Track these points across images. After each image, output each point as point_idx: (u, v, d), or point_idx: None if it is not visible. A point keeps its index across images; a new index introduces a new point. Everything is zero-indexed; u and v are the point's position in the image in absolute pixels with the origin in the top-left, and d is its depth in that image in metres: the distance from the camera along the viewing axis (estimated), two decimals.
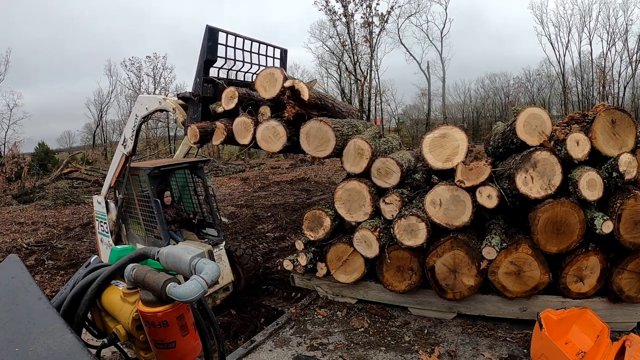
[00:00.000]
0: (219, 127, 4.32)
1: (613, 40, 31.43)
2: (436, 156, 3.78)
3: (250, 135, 4.12)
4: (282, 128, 3.95)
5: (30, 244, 8.56)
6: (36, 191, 16.16)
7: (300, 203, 11.04)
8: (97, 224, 5.62)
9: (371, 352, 3.49)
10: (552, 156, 3.37)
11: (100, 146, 40.69)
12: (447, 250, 3.70)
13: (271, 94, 3.99)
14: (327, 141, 3.93)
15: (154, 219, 4.58)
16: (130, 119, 5.02)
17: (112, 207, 5.30)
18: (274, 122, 4.00)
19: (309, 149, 4.00)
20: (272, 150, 4.11)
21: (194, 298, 1.30)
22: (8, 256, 1.75)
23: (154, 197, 4.49)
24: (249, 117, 4.17)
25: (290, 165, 23.23)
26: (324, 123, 3.90)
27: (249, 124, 4.13)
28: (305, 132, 3.97)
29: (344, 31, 30.93)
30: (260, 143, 4.09)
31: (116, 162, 5.07)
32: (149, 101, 4.88)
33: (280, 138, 3.99)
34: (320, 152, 3.99)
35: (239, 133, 4.21)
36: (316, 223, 4.42)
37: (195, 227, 5.27)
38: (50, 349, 1.06)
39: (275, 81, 3.95)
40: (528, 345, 3.27)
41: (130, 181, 4.85)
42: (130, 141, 4.94)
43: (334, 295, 4.59)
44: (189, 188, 5.55)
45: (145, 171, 4.52)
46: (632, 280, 3.35)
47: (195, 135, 4.29)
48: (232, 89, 4.28)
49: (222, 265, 4.77)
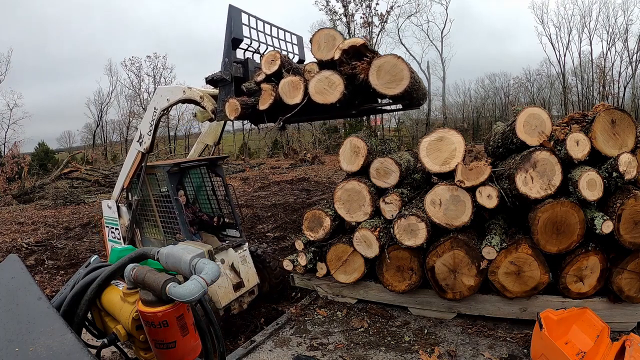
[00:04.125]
0: (266, 90, 4.02)
1: (613, 40, 31.44)
2: (433, 160, 3.79)
3: (301, 92, 3.86)
4: (338, 76, 3.71)
5: (30, 244, 8.55)
6: (36, 191, 16.16)
7: (300, 203, 11.04)
8: (106, 231, 5.24)
9: (371, 352, 3.49)
10: (552, 156, 3.37)
11: (100, 146, 40.69)
12: (447, 250, 3.70)
13: (324, 56, 3.82)
14: (400, 79, 3.61)
15: (174, 221, 4.37)
16: (148, 112, 4.69)
17: (124, 211, 5.00)
18: (327, 72, 3.75)
19: (377, 83, 3.65)
20: (330, 101, 3.78)
21: (193, 298, 1.30)
22: (8, 256, 1.75)
23: (174, 196, 4.27)
24: (295, 75, 3.93)
25: (290, 165, 23.23)
26: (401, 60, 3.61)
27: (297, 81, 3.88)
28: (378, 66, 3.64)
29: (344, 31, 30.94)
30: (315, 97, 3.81)
31: (130, 161, 4.76)
32: (170, 92, 4.54)
33: (337, 87, 3.73)
34: (389, 88, 3.65)
35: (287, 93, 3.94)
36: (316, 223, 4.42)
37: (215, 228, 5.05)
38: (50, 349, 1.06)
39: (334, 42, 3.79)
40: (528, 345, 3.27)
41: (146, 181, 4.60)
42: (148, 137, 4.61)
43: (334, 295, 4.59)
44: (206, 187, 5.29)
45: (163, 169, 4.32)
46: (632, 280, 3.35)
47: (236, 108, 4.01)
48: (273, 52, 4.10)
49: (247, 267, 4.59)
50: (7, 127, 32.19)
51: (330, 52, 3.80)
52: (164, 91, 4.63)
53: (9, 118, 32.38)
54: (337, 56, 3.74)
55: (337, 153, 4.48)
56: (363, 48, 3.75)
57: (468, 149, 3.86)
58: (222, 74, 4.19)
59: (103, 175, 19.49)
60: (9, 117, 32.35)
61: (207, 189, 5.30)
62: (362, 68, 3.67)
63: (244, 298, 4.51)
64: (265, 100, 4.03)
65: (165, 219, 4.52)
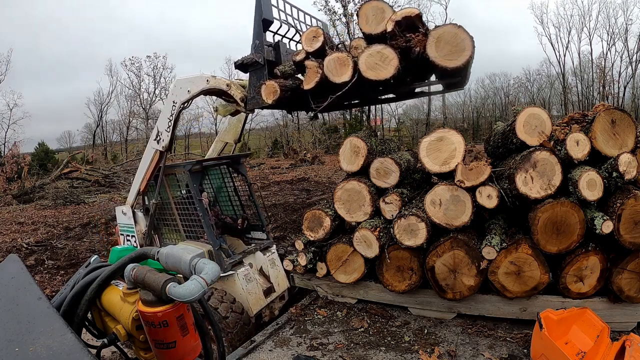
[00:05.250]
0: (311, 67, 3.68)
1: (613, 40, 31.46)
2: (433, 160, 3.78)
3: (350, 69, 3.57)
4: (391, 50, 3.42)
5: (30, 244, 8.56)
6: (36, 191, 16.17)
7: (300, 203, 11.04)
8: (121, 239, 4.88)
9: (371, 352, 3.49)
10: (552, 156, 3.37)
11: (100, 146, 40.71)
12: (447, 250, 3.70)
13: (373, 29, 3.59)
14: (461, 50, 3.35)
15: (197, 225, 4.10)
16: (166, 107, 4.29)
17: (140, 216, 4.65)
18: (379, 46, 3.48)
19: (436, 55, 3.38)
20: (383, 77, 3.51)
21: (194, 298, 1.30)
22: (8, 256, 1.75)
23: (197, 197, 4.02)
24: (342, 51, 3.65)
25: (290, 165, 23.24)
26: (462, 30, 3.36)
27: (344, 57, 3.59)
28: (437, 36, 3.38)
29: (344, 31, 30.93)
30: (367, 73, 3.54)
31: (147, 162, 4.37)
32: (192, 82, 4.13)
33: (390, 61, 3.44)
34: (449, 60, 3.38)
35: (334, 71, 3.66)
36: (316, 223, 4.42)
37: (239, 231, 4.81)
38: (50, 349, 1.06)
39: (382, 14, 3.57)
40: (528, 345, 3.27)
41: (165, 183, 4.30)
42: (167, 134, 4.21)
43: (334, 295, 4.59)
44: (227, 188, 5.01)
45: (185, 168, 4.06)
46: (632, 280, 3.35)
47: (275, 91, 3.68)
48: (314, 28, 3.86)
49: (276, 271, 4.45)
50: (7, 127, 32.22)
51: (379, 25, 3.54)
52: (183, 82, 4.23)
53: (9, 118, 32.42)
54: (390, 28, 3.47)
55: (337, 153, 4.47)
56: (417, 19, 3.49)
57: (468, 149, 3.86)
58: (254, 57, 3.83)
59: (103, 175, 19.50)
60: (9, 117, 32.38)
61: (228, 190, 5.02)
62: (418, 40, 3.38)
63: (274, 304, 4.40)
64: (310, 79, 3.71)
65: (187, 223, 4.24)
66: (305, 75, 3.78)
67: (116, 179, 19.30)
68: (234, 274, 4.14)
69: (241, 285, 4.13)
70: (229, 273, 4.10)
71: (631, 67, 30.93)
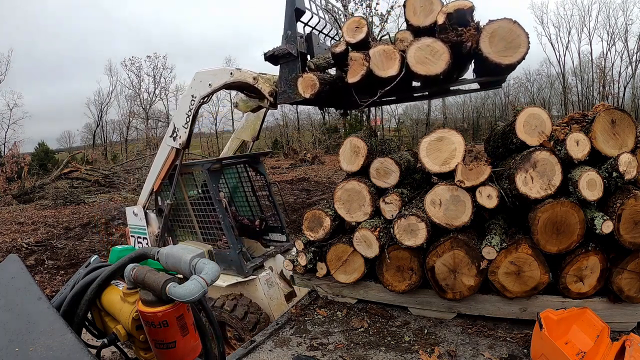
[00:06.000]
0: (357, 59, 3.47)
1: (613, 40, 31.47)
2: (433, 160, 3.77)
3: (397, 63, 3.41)
4: (441, 44, 3.27)
5: (30, 244, 8.56)
6: (36, 191, 16.18)
7: (300, 203, 11.05)
8: (132, 241, 4.73)
9: (371, 352, 3.49)
10: (551, 156, 3.37)
11: (100, 146, 40.72)
12: (447, 250, 3.70)
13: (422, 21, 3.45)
14: (517, 46, 3.25)
15: (215, 226, 3.95)
16: (184, 102, 4.11)
17: (152, 217, 4.50)
18: (428, 39, 3.33)
19: (489, 51, 3.28)
20: (433, 73, 3.39)
21: (194, 298, 1.30)
22: (8, 256, 1.75)
23: (217, 197, 3.87)
24: (388, 43, 3.49)
25: (290, 165, 23.23)
26: (517, 25, 3.24)
27: (391, 50, 3.43)
28: (491, 31, 3.27)
29: None
30: (416, 67, 3.39)
31: (162, 160, 4.17)
32: (214, 75, 3.90)
33: (441, 55, 3.31)
34: (504, 57, 3.28)
35: (380, 64, 3.49)
36: (316, 223, 4.41)
37: (256, 233, 4.66)
38: (50, 349, 1.06)
39: (431, 6, 3.44)
40: (528, 345, 3.27)
41: (181, 182, 4.15)
42: (184, 130, 4.04)
43: (334, 295, 4.59)
44: (243, 188, 4.84)
45: (203, 166, 3.91)
46: (632, 280, 3.35)
47: (313, 84, 3.49)
48: (357, 18, 3.62)
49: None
50: (7, 127, 32.21)
51: (428, 17, 3.39)
52: (204, 75, 4.02)
53: (9, 118, 32.42)
54: (441, 20, 3.32)
55: (337, 153, 4.46)
56: (468, 12, 3.38)
57: (468, 149, 3.85)
58: (287, 48, 3.61)
59: (103, 175, 19.50)
60: (9, 117, 32.38)
61: (245, 190, 4.84)
62: (470, 34, 3.27)
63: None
64: (355, 72, 3.51)
65: (204, 225, 4.11)
66: (350, 67, 3.58)
67: (116, 179, 19.31)
68: (255, 279, 3.99)
69: (263, 291, 3.97)
70: (250, 278, 3.96)
71: (631, 67, 30.95)
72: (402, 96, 4.79)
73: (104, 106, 40.59)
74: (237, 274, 4.26)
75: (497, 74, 3.57)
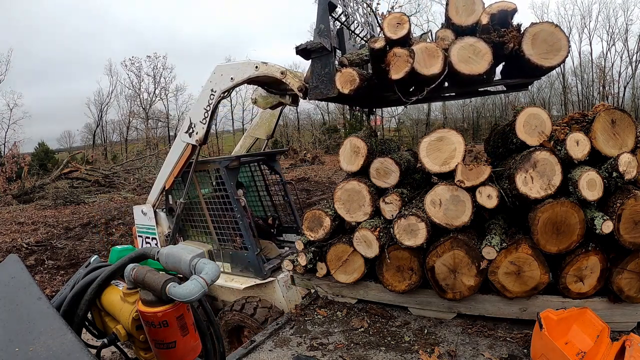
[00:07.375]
0: (401, 55, 3.40)
1: (613, 40, 31.48)
2: (433, 160, 3.78)
3: (440, 61, 3.43)
4: (484, 44, 3.32)
5: (30, 244, 8.56)
6: (36, 191, 16.19)
7: (300, 203, 11.04)
8: (139, 241, 4.55)
9: (371, 352, 3.49)
10: (551, 156, 3.37)
11: (100, 146, 40.74)
12: (447, 250, 3.70)
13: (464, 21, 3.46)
14: (557, 49, 3.30)
15: (231, 226, 3.82)
16: (202, 96, 3.90)
17: (162, 217, 4.31)
18: (471, 39, 3.37)
19: (531, 53, 3.33)
20: (476, 72, 3.40)
21: (193, 298, 1.30)
22: (8, 256, 1.75)
23: (235, 197, 3.74)
24: (431, 41, 3.52)
25: (290, 165, 23.24)
26: (559, 29, 3.29)
27: (433, 48, 3.45)
28: (533, 34, 3.32)
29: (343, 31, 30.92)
30: (459, 66, 3.41)
31: (176, 157, 3.99)
32: (237, 69, 3.72)
33: (484, 55, 3.35)
34: (545, 59, 3.34)
35: (422, 62, 3.50)
36: (316, 223, 4.41)
37: (270, 234, 4.55)
38: (50, 349, 1.06)
39: (473, 6, 3.46)
40: (528, 345, 3.27)
41: (195, 180, 4.00)
42: (202, 126, 3.84)
43: (334, 295, 4.59)
44: (256, 187, 4.71)
45: (221, 164, 3.76)
46: (632, 280, 3.35)
47: (353, 79, 3.43)
48: (399, 13, 3.56)
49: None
50: (7, 127, 32.23)
51: (470, 16, 3.43)
52: (226, 68, 3.84)
53: (9, 118, 32.44)
54: (485, 21, 3.37)
55: (337, 153, 4.46)
56: (511, 14, 3.43)
57: (468, 149, 3.85)
58: (320, 42, 3.51)
59: (103, 176, 19.50)
60: (9, 117, 32.39)
61: (258, 189, 4.71)
62: (512, 36, 3.30)
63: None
64: (400, 68, 3.44)
65: (219, 225, 3.96)
66: (393, 64, 3.51)
67: (116, 179, 19.31)
68: (273, 281, 3.92)
69: (282, 293, 3.91)
70: (268, 280, 3.89)
71: (631, 67, 30.97)
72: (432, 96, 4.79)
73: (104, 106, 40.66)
74: (255, 276, 4.12)
75: (534, 76, 3.59)
